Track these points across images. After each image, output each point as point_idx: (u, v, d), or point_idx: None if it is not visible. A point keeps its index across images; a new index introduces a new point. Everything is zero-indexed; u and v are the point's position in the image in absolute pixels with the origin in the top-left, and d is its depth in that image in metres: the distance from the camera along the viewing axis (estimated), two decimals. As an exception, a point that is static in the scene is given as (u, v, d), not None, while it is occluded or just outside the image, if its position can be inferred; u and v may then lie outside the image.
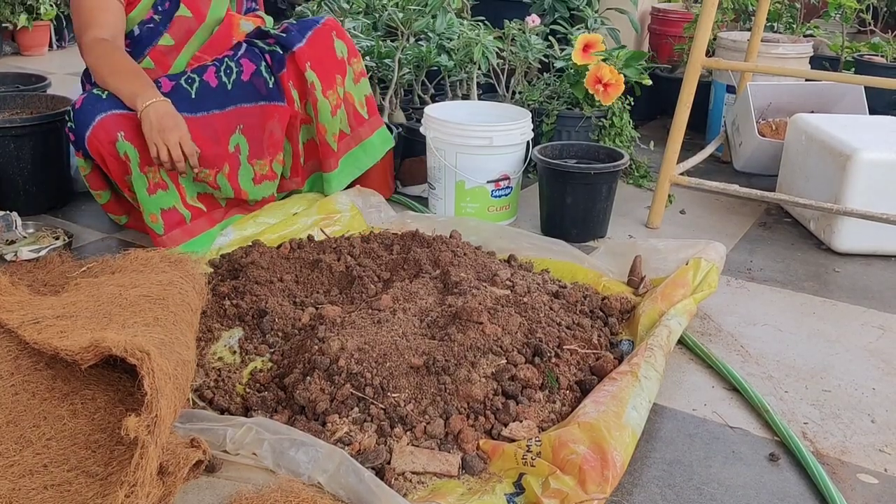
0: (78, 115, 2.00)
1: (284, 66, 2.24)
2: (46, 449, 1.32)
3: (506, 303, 1.72)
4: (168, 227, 2.06)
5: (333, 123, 2.31)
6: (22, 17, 4.66)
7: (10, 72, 3.32)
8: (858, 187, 2.23)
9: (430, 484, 1.33)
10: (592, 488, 1.26)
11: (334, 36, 2.31)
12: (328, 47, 2.30)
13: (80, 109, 2.00)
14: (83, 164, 2.10)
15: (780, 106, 2.94)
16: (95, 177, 2.13)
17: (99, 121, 1.97)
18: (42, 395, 1.42)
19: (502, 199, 2.43)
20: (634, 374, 1.52)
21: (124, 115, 1.99)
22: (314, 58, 2.26)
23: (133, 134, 1.98)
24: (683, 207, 2.65)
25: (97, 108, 1.99)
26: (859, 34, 4.22)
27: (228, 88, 2.18)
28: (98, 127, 1.97)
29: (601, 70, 2.65)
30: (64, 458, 1.31)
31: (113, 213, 2.25)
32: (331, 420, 1.42)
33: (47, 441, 1.34)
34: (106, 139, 1.97)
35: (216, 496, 1.30)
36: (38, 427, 1.36)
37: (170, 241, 2.05)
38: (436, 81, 3.13)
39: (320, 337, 1.58)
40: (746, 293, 2.09)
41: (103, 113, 1.98)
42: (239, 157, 2.17)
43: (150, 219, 2.04)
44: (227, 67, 2.20)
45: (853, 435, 1.53)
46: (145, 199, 2.02)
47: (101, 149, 1.98)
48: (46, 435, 1.35)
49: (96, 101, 2.00)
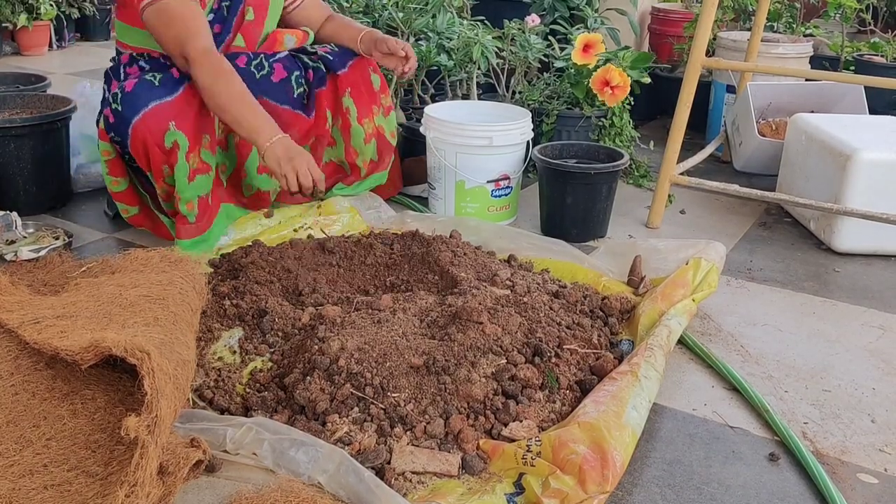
0: (128, 98, 1.96)
1: (325, 84, 2.29)
2: (46, 449, 1.32)
3: (506, 303, 1.72)
4: (199, 216, 2.05)
5: (366, 151, 2.39)
6: (22, 16, 4.66)
7: (9, 72, 3.32)
8: (858, 187, 2.23)
9: (430, 484, 1.33)
10: (592, 488, 1.26)
11: (371, 70, 2.38)
12: (367, 79, 2.37)
13: (132, 93, 1.96)
14: (107, 149, 2.07)
15: (780, 106, 2.94)
16: (117, 164, 2.11)
17: (152, 108, 1.95)
18: (42, 395, 1.42)
19: (502, 199, 2.43)
20: (634, 373, 1.52)
21: (174, 100, 1.97)
22: (354, 85, 2.33)
23: (184, 122, 1.97)
24: (683, 207, 2.65)
25: (151, 95, 1.96)
26: (859, 34, 4.22)
27: (256, 77, 2.19)
28: (150, 114, 1.94)
29: (610, 73, 2.64)
30: (64, 458, 1.31)
31: (125, 202, 2.19)
32: (331, 420, 1.42)
33: (47, 441, 1.34)
34: (156, 127, 1.94)
35: (216, 496, 1.30)
36: (38, 427, 1.36)
37: (195, 231, 2.05)
38: (436, 81, 3.13)
39: (320, 337, 1.58)
40: (746, 293, 2.09)
41: (158, 100, 1.96)
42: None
43: (187, 207, 2.02)
44: (260, 63, 2.22)
45: (853, 435, 1.53)
46: (185, 187, 2.00)
47: (148, 136, 1.95)
48: (46, 435, 1.35)
49: (150, 88, 1.97)
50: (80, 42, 5.35)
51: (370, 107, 2.37)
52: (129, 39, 2.13)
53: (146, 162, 2.00)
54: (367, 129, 2.37)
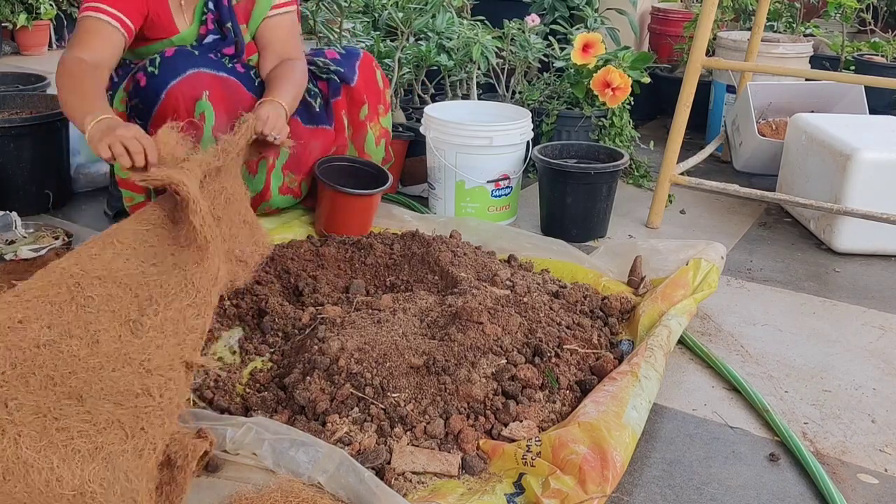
0: (167, 62, 1.96)
1: (340, 94, 2.27)
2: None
3: (506, 303, 1.72)
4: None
5: (378, 152, 2.39)
6: (21, 16, 4.66)
7: (9, 71, 3.31)
8: (858, 187, 2.23)
9: (430, 484, 1.33)
10: (592, 488, 1.26)
11: (375, 67, 2.37)
12: (374, 79, 2.36)
13: (171, 58, 1.96)
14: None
15: (780, 106, 2.94)
16: None
17: (191, 73, 1.95)
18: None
19: (502, 199, 2.43)
20: (634, 374, 1.52)
21: (215, 76, 1.98)
22: (367, 91, 2.32)
23: (217, 96, 1.97)
24: (683, 207, 2.65)
25: (190, 62, 1.96)
26: (859, 34, 4.22)
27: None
28: (187, 80, 1.95)
29: (611, 74, 2.64)
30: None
31: (132, 189, 2.13)
32: (331, 420, 1.42)
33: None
34: (191, 94, 1.95)
35: (216, 496, 1.29)
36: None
37: None
38: (436, 81, 3.13)
39: (320, 337, 1.58)
40: (746, 293, 2.09)
41: (196, 68, 1.96)
42: (276, 161, 2.18)
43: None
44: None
45: (853, 435, 1.53)
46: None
47: (180, 102, 1.94)
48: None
49: (189, 55, 1.98)
50: (80, 42, 5.35)
51: (377, 108, 2.37)
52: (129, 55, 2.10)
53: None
54: (375, 131, 2.38)
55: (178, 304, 1.40)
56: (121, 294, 1.38)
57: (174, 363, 1.33)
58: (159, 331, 1.35)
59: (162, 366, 1.31)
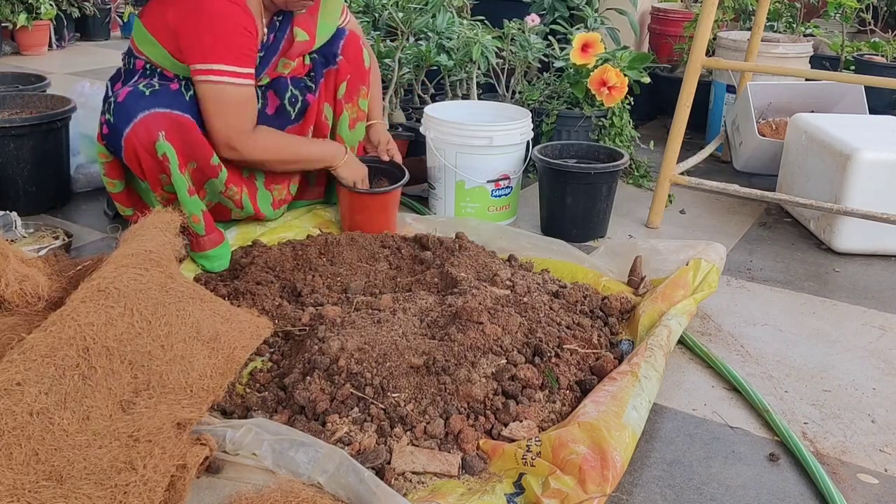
0: (119, 108, 1.94)
1: (317, 90, 2.21)
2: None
3: (506, 303, 1.72)
4: (208, 229, 2.01)
5: (352, 137, 2.32)
6: (21, 16, 4.65)
7: (9, 71, 3.31)
8: (858, 187, 2.23)
9: (430, 484, 1.33)
10: (592, 488, 1.26)
11: (362, 45, 2.30)
12: (359, 59, 2.28)
13: (123, 104, 1.94)
14: (103, 151, 2.05)
15: (780, 106, 2.94)
16: (114, 167, 2.09)
17: (141, 118, 1.92)
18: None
19: (502, 199, 2.43)
20: (634, 374, 1.52)
21: (167, 114, 1.94)
22: (351, 70, 2.25)
23: (173, 135, 1.94)
24: (683, 207, 2.65)
25: (140, 105, 1.93)
26: (859, 34, 4.22)
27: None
28: (140, 124, 1.92)
29: (607, 73, 2.64)
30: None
31: (121, 203, 2.19)
32: (331, 420, 1.42)
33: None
34: (146, 137, 1.92)
35: (216, 496, 1.30)
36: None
37: (209, 244, 2.01)
38: (436, 81, 3.13)
39: (320, 337, 1.58)
40: (746, 293, 2.09)
41: (147, 111, 1.93)
42: (255, 182, 2.17)
43: (193, 220, 1.98)
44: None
45: (853, 435, 1.53)
46: (186, 199, 1.97)
47: (138, 146, 1.93)
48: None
49: (140, 98, 1.94)
50: (80, 42, 5.35)
51: (357, 87, 2.28)
52: (147, 49, 2.05)
53: (141, 172, 1.98)
54: (351, 113, 2.29)
55: (173, 396, 1.38)
56: (122, 372, 1.36)
57: (164, 426, 1.31)
58: (153, 410, 1.34)
59: (151, 431, 1.29)
